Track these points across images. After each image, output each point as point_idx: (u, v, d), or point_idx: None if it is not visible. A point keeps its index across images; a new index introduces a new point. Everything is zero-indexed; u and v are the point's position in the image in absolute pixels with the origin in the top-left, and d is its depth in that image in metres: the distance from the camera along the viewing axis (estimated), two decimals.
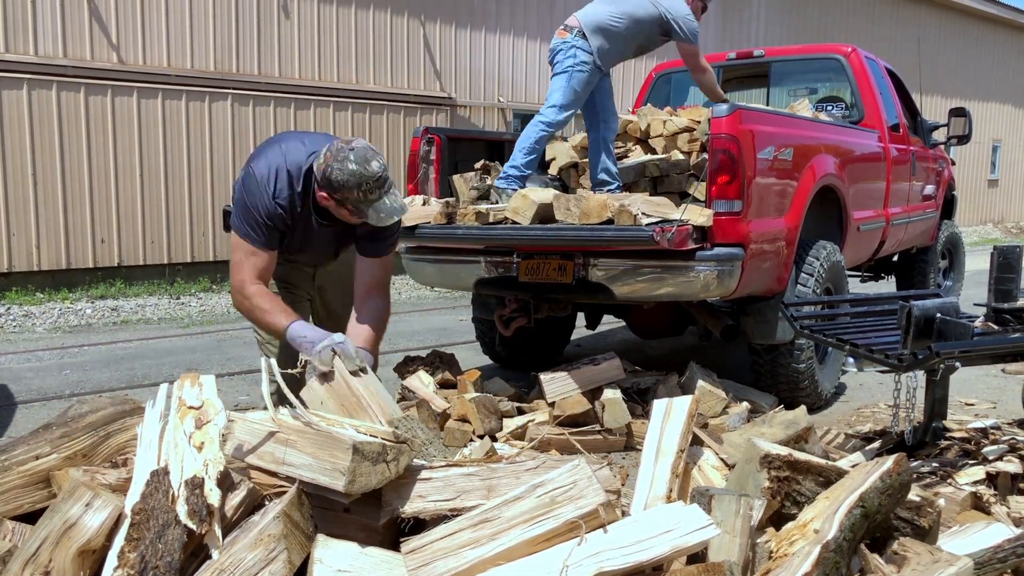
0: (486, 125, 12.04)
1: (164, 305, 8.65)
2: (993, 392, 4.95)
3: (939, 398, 3.29)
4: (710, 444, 3.28)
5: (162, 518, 1.99)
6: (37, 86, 8.36)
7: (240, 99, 9.68)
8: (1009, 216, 22.67)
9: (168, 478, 2.11)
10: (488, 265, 4.45)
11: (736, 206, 3.91)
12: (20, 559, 2.05)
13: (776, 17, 16.27)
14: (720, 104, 4.11)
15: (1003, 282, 3.28)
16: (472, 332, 5.84)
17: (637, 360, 4.92)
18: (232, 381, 5.44)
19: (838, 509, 2.05)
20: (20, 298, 8.36)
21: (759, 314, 4.30)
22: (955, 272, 7.99)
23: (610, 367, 4.07)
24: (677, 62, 6.93)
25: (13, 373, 5.69)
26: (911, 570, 2.03)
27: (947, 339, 2.94)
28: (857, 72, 5.74)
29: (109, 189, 8.91)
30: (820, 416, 4.47)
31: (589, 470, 2.05)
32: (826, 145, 4.78)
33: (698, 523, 1.97)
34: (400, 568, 2.00)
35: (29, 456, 2.41)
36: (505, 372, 5.34)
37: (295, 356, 2.74)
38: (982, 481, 2.92)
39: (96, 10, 8.74)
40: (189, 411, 2.38)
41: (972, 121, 6.82)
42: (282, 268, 3.15)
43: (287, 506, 2.05)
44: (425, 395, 4.17)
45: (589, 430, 3.87)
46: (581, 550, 1.93)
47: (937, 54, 18.74)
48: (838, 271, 4.74)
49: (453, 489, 2.20)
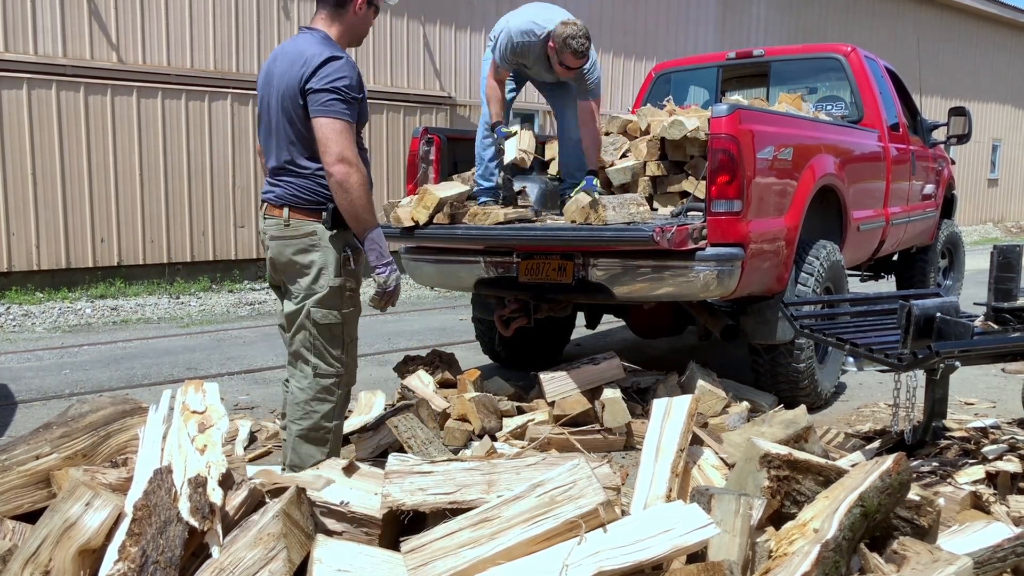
0: None
1: (164, 305, 8.65)
2: (993, 391, 4.95)
3: (939, 397, 3.29)
4: (710, 443, 3.29)
5: (164, 515, 2.00)
6: (37, 86, 8.36)
7: (240, 99, 9.68)
8: (1009, 215, 22.68)
9: (171, 476, 2.12)
10: (488, 265, 4.45)
11: (736, 206, 3.91)
12: (20, 558, 2.06)
13: (776, 17, 16.27)
14: (720, 104, 4.11)
15: (1003, 281, 3.28)
16: (472, 332, 5.84)
17: (637, 360, 4.92)
18: (232, 381, 5.44)
19: (838, 508, 2.05)
20: (20, 297, 8.36)
21: (759, 314, 4.30)
22: (955, 271, 7.99)
23: (610, 367, 4.08)
24: (677, 61, 6.95)
25: (13, 373, 5.70)
26: (911, 569, 2.03)
27: (947, 338, 2.94)
28: (857, 72, 5.74)
29: (109, 188, 8.91)
30: (820, 415, 4.48)
31: (589, 469, 2.06)
32: (826, 145, 4.78)
33: (698, 522, 1.97)
34: (400, 567, 2.00)
35: (29, 456, 2.42)
36: (505, 372, 5.34)
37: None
38: (982, 480, 2.93)
39: (96, 10, 8.74)
40: (192, 415, 2.39)
41: (972, 120, 6.82)
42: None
43: (286, 505, 2.06)
44: (425, 394, 4.17)
45: (589, 429, 3.87)
46: (581, 549, 1.93)
47: (937, 54, 18.74)
48: (838, 271, 4.74)
49: (453, 483, 2.20)
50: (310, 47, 2.70)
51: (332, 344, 2.81)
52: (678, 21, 14.69)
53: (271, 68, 2.82)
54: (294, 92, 2.68)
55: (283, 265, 2.83)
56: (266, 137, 2.85)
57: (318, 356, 2.80)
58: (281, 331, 3.00)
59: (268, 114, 2.82)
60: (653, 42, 14.18)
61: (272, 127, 2.80)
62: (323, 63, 2.64)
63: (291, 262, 2.80)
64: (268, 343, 6.80)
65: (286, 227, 2.77)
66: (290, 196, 2.77)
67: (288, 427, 2.89)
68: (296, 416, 2.84)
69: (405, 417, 3.58)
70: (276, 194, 2.81)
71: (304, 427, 2.83)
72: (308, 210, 2.76)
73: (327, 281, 2.76)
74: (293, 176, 2.77)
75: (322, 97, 2.62)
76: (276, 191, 2.81)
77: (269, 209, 2.84)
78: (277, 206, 2.80)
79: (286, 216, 2.77)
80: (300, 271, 2.79)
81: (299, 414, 2.84)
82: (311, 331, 2.78)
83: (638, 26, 13.99)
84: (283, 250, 2.81)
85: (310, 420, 2.82)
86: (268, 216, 2.84)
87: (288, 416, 2.89)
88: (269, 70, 2.83)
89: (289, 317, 2.84)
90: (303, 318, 2.78)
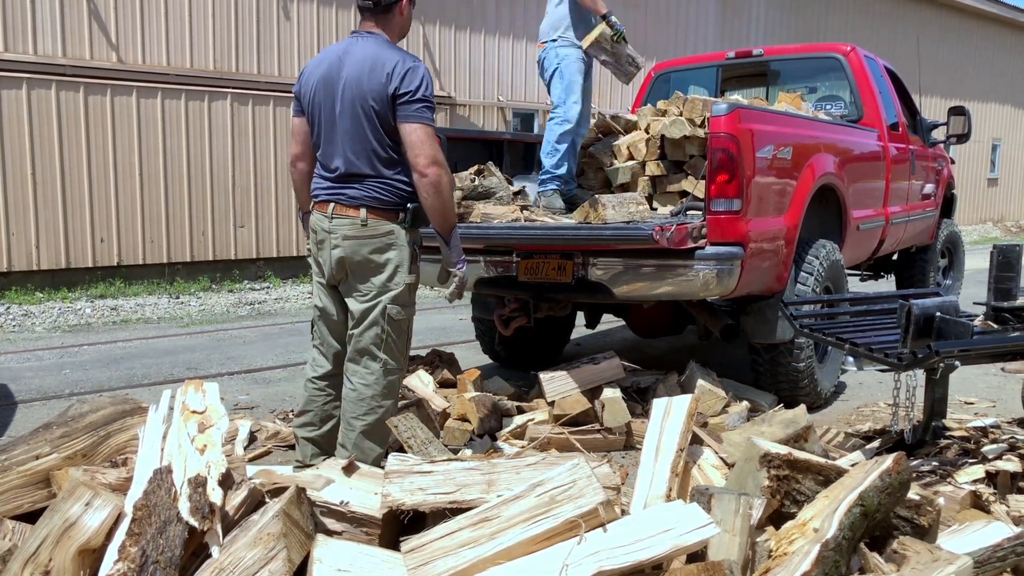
0: (485, 124, 12.04)
1: (163, 304, 8.65)
2: (993, 391, 4.95)
3: (939, 397, 3.29)
4: (710, 443, 3.29)
5: (164, 514, 2.00)
6: (36, 85, 8.36)
7: (239, 98, 9.68)
8: (1009, 215, 22.68)
9: (171, 476, 2.12)
10: (488, 265, 4.45)
11: (735, 205, 3.91)
12: (20, 558, 2.05)
13: (776, 17, 16.27)
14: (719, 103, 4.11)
15: (1003, 281, 3.29)
16: (472, 331, 5.84)
17: (637, 359, 4.92)
18: (232, 380, 5.44)
19: (837, 508, 2.05)
20: (20, 297, 8.36)
21: (759, 313, 4.30)
22: (955, 271, 7.99)
23: (610, 366, 4.08)
24: (676, 61, 6.95)
25: (13, 372, 5.70)
26: (911, 569, 2.03)
27: (947, 338, 2.94)
28: (856, 71, 5.74)
29: (108, 188, 8.91)
30: (820, 415, 4.48)
31: (589, 469, 2.06)
32: (825, 144, 4.78)
33: (698, 522, 1.97)
34: (400, 567, 2.00)
35: (29, 456, 2.42)
36: (505, 371, 5.34)
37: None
38: (982, 480, 2.93)
39: (95, 10, 8.73)
40: (192, 415, 2.39)
41: (971, 120, 6.82)
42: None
43: (286, 504, 2.06)
44: (425, 394, 4.17)
45: (589, 429, 3.87)
46: (581, 549, 1.93)
47: (937, 53, 18.74)
48: (837, 270, 4.74)
49: (453, 483, 2.20)
50: (386, 52, 2.81)
51: (400, 339, 2.95)
52: (678, 21, 14.69)
53: (334, 72, 2.87)
54: (381, 97, 2.77)
55: (356, 264, 2.90)
56: (328, 141, 2.92)
57: (387, 352, 2.93)
58: (319, 330, 3.08)
59: (332, 117, 2.88)
60: (653, 42, 14.18)
61: (338, 131, 2.87)
62: (409, 70, 2.78)
63: (367, 260, 2.88)
64: (268, 343, 6.80)
65: (363, 227, 2.86)
66: (369, 197, 2.87)
67: (349, 424, 2.96)
68: (360, 412, 2.93)
69: (405, 417, 3.56)
70: (349, 195, 2.88)
71: (369, 422, 2.92)
72: (386, 210, 2.87)
73: (403, 278, 2.90)
74: (372, 179, 2.86)
75: (414, 104, 2.76)
76: (349, 192, 2.88)
77: (340, 209, 2.89)
78: (352, 207, 2.87)
79: (363, 216, 2.86)
80: (376, 269, 2.89)
81: (363, 410, 2.93)
82: (384, 327, 2.90)
83: (638, 26, 13.99)
84: (359, 249, 2.88)
85: (375, 415, 2.92)
86: (339, 216, 2.89)
87: (348, 413, 2.96)
88: (331, 74, 2.88)
89: (360, 315, 2.91)
90: (377, 314, 2.89)
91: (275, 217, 10.11)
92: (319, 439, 3.10)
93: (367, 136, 2.83)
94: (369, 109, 2.80)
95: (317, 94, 2.92)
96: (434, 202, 2.79)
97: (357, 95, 2.81)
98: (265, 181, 10.02)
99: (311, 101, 2.95)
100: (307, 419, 3.12)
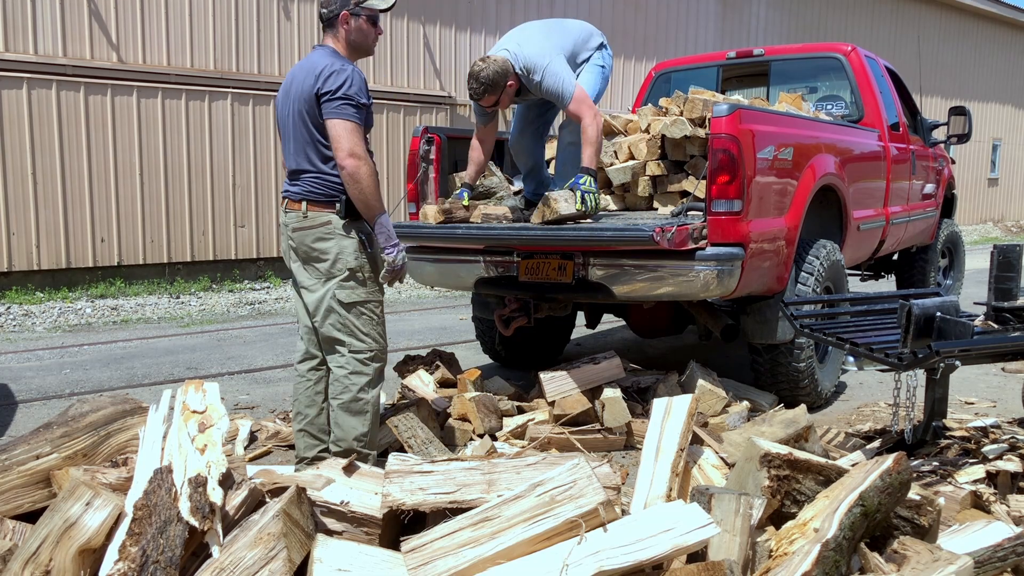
0: None
1: (164, 304, 8.65)
2: (993, 391, 4.95)
3: (939, 397, 3.29)
4: (710, 443, 3.29)
5: (164, 514, 2.00)
6: (37, 85, 8.36)
7: (240, 98, 9.68)
8: (1009, 215, 22.68)
9: (171, 476, 2.12)
10: (488, 265, 4.45)
11: (736, 206, 3.91)
12: (21, 558, 2.05)
13: (776, 16, 16.27)
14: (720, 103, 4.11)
15: (1003, 281, 3.29)
16: (472, 331, 5.83)
17: (637, 359, 4.92)
18: (232, 380, 5.44)
19: (838, 508, 2.05)
20: (20, 297, 8.36)
21: (759, 313, 4.30)
22: (955, 271, 7.99)
23: (610, 366, 4.08)
24: (676, 61, 6.95)
25: (13, 372, 5.70)
26: (911, 569, 2.03)
27: (947, 338, 2.94)
28: (857, 71, 5.74)
29: (109, 188, 8.91)
30: (820, 415, 4.48)
31: (589, 469, 2.06)
32: (826, 144, 4.78)
33: (698, 522, 1.97)
34: (400, 567, 2.00)
35: (29, 455, 2.42)
36: (505, 371, 5.34)
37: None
38: (982, 480, 2.92)
39: (96, 9, 8.73)
40: (192, 415, 2.39)
41: (972, 120, 6.82)
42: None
43: (286, 504, 2.06)
44: (425, 394, 4.17)
45: (589, 429, 3.87)
46: (581, 549, 1.93)
47: (937, 54, 18.75)
48: (838, 270, 4.74)
49: (454, 483, 2.20)
50: (321, 60, 3.08)
51: (359, 321, 3.13)
52: (678, 21, 14.69)
53: (290, 83, 3.18)
54: (310, 99, 3.04)
55: (304, 253, 3.17)
56: (285, 143, 3.23)
57: (349, 334, 3.12)
58: (305, 327, 3.29)
59: (287, 123, 3.18)
60: (653, 42, 14.19)
61: (290, 133, 3.16)
62: (334, 72, 3.01)
63: (311, 249, 3.13)
64: (268, 343, 6.80)
65: (304, 218, 3.12)
66: (307, 191, 3.12)
67: (331, 403, 3.19)
68: (336, 392, 3.15)
69: (405, 417, 3.58)
70: (294, 191, 3.16)
71: (344, 400, 3.12)
72: (323, 203, 3.10)
73: (344, 264, 3.09)
74: (309, 174, 3.12)
75: (335, 101, 2.99)
76: (295, 188, 3.16)
77: (289, 204, 3.18)
78: (296, 201, 3.14)
79: (304, 209, 3.12)
80: (318, 257, 3.12)
81: (338, 389, 3.14)
82: (338, 311, 3.11)
83: (638, 26, 13.99)
84: (303, 239, 3.14)
85: (349, 393, 3.12)
86: (289, 210, 3.18)
87: (330, 395, 3.19)
88: (288, 85, 3.20)
89: (316, 305, 3.14)
90: (329, 300, 3.11)
91: (275, 217, 10.10)
92: (308, 427, 3.29)
93: (304, 135, 3.10)
94: (304, 111, 3.07)
95: (281, 105, 3.22)
96: (354, 191, 3.02)
97: (297, 99, 3.08)
98: (265, 181, 10.02)
99: (279, 111, 3.25)
100: (297, 408, 3.31)
